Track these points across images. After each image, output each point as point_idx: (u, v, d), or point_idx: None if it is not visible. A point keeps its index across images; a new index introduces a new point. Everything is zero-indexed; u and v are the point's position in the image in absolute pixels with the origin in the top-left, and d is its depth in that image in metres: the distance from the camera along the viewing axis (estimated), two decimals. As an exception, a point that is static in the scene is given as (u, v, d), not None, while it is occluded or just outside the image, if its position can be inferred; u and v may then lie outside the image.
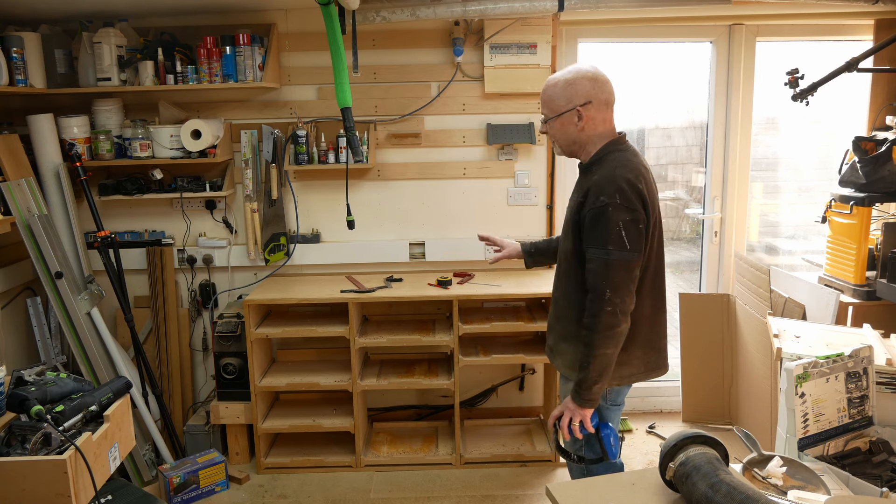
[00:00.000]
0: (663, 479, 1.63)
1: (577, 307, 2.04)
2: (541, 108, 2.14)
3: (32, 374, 2.02)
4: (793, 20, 3.50)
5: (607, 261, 1.91)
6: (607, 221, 1.91)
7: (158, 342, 3.49)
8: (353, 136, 2.53)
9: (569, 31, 3.52)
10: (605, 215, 1.92)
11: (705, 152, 3.78)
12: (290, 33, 3.37)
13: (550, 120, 2.08)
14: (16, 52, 2.88)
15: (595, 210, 1.94)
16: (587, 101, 2.03)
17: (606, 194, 1.93)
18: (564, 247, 2.13)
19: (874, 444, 2.05)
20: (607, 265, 1.91)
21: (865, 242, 3.07)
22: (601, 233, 1.93)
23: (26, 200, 2.97)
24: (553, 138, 2.14)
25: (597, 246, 1.94)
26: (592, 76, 2.05)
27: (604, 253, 1.92)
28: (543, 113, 2.12)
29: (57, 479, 1.70)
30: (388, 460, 3.32)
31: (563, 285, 2.15)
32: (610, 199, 1.92)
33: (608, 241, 1.91)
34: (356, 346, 3.20)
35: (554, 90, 2.06)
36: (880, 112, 3.48)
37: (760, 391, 3.19)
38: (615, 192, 1.93)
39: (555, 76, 2.09)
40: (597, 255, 1.94)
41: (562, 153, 2.16)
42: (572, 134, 2.07)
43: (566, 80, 2.05)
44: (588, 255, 1.97)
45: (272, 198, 3.44)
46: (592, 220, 1.95)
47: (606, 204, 1.92)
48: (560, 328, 2.16)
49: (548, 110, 2.09)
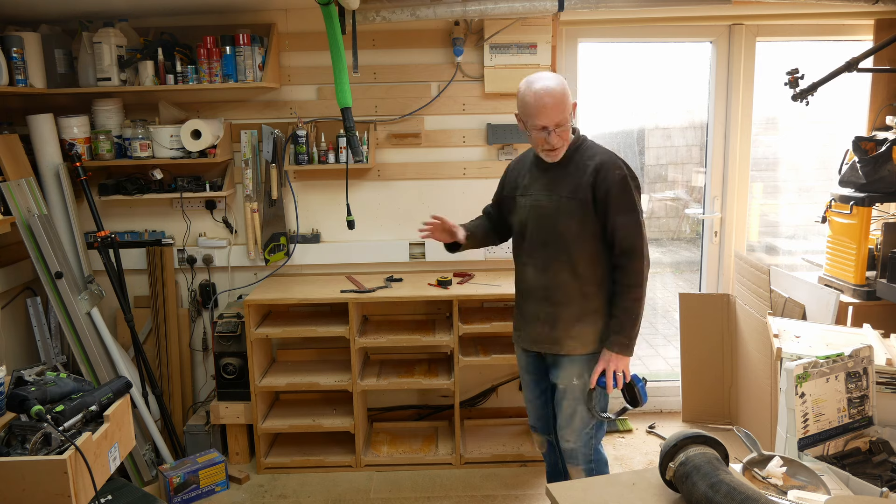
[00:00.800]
0: (663, 479, 1.63)
1: (593, 282, 2.27)
2: (546, 119, 2.16)
3: (32, 374, 2.02)
4: (793, 20, 3.50)
5: (638, 222, 2.20)
6: (629, 189, 2.19)
7: (158, 342, 3.49)
8: (353, 136, 2.53)
9: (569, 31, 3.52)
10: (626, 185, 2.19)
11: (705, 152, 3.78)
12: (290, 33, 3.37)
13: (564, 126, 2.19)
14: (16, 52, 2.88)
15: (618, 182, 2.18)
16: (573, 102, 2.24)
17: (618, 167, 2.20)
18: (558, 231, 2.25)
19: (874, 444, 2.05)
20: (639, 225, 2.20)
21: (865, 242, 3.07)
22: (628, 199, 2.19)
23: (26, 200, 2.97)
24: (557, 143, 2.22)
25: (627, 212, 2.19)
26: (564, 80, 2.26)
27: (635, 217, 2.19)
28: (560, 120, 2.17)
29: (57, 479, 1.70)
30: (388, 460, 3.32)
31: (564, 270, 2.28)
32: (623, 172, 2.20)
33: (635, 206, 2.20)
34: (356, 346, 3.20)
35: (563, 97, 2.18)
36: (880, 112, 3.48)
37: (760, 391, 3.19)
38: (622, 165, 2.22)
39: (550, 85, 2.17)
40: (629, 220, 2.19)
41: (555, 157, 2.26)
42: (568, 136, 2.25)
43: (563, 88, 2.20)
44: (618, 222, 2.19)
45: (272, 198, 3.44)
46: (619, 191, 2.18)
47: (624, 175, 2.19)
48: (573, 312, 2.29)
49: (561, 117, 2.17)
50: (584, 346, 2.30)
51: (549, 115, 2.15)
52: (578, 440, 2.37)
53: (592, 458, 2.40)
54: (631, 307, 2.21)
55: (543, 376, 2.47)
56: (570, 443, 2.38)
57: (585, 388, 2.33)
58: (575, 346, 2.31)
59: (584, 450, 2.38)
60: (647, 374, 4.28)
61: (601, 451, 2.43)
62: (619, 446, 3.51)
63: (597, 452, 2.41)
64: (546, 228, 2.28)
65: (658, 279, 4.95)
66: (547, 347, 2.36)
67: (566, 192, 2.23)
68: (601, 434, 2.43)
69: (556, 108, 2.15)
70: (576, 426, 2.36)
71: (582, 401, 2.34)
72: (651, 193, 4.45)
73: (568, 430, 2.38)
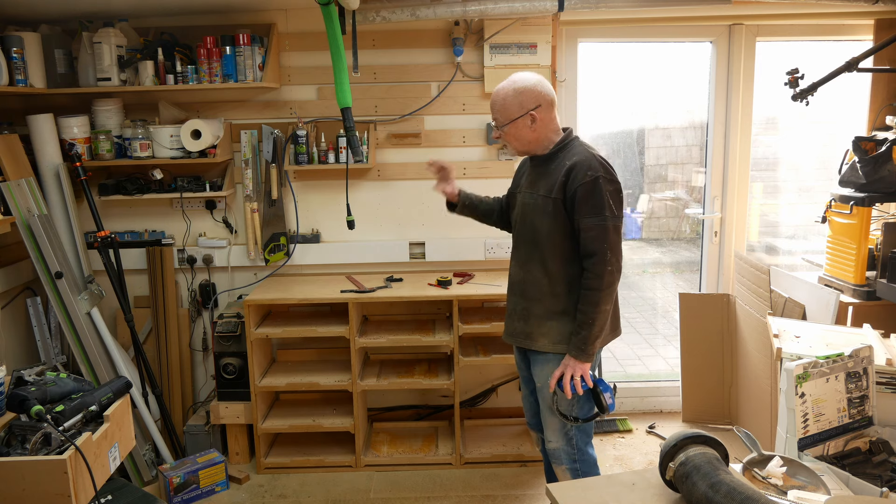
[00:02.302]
0: (663, 479, 1.63)
1: (563, 281, 2.27)
2: (493, 115, 2.32)
3: (32, 374, 2.02)
4: (793, 20, 3.50)
5: (605, 226, 2.15)
6: (600, 192, 2.15)
7: (158, 342, 3.49)
8: (353, 136, 2.53)
9: (569, 31, 3.52)
10: (597, 187, 2.15)
11: (705, 152, 3.78)
12: (290, 33, 3.37)
13: (504, 126, 2.27)
14: (16, 52, 2.88)
15: (587, 184, 2.16)
16: (538, 104, 2.25)
17: (593, 169, 2.17)
18: (535, 229, 2.29)
19: (874, 444, 2.05)
20: (605, 230, 2.15)
21: (865, 242, 3.07)
22: (597, 202, 2.15)
23: (26, 200, 2.97)
24: (506, 141, 2.33)
25: (593, 214, 2.16)
26: (537, 81, 2.28)
27: (601, 220, 2.15)
28: (496, 119, 2.30)
29: (57, 479, 1.70)
30: (388, 460, 3.32)
31: (537, 267, 2.31)
32: (597, 173, 2.16)
33: (604, 209, 2.15)
34: (356, 346, 3.20)
35: (505, 100, 2.26)
36: (880, 112, 3.48)
37: (760, 391, 3.19)
38: (599, 166, 2.18)
39: (502, 86, 2.29)
40: (595, 223, 2.16)
41: (515, 153, 2.37)
42: (526, 136, 2.28)
43: (515, 90, 2.26)
44: (584, 225, 2.17)
45: (272, 198, 3.44)
46: (586, 193, 2.16)
47: (596, 177, 2.16)
48: (543, 309, 2.31)
49: (501, 117, 2.28)
50: (554, 345, 2.30)
51: (492, 112, 2.31)
52: (560, 440, 2.36)
53: (577, 458, 2.37)
54: (588, 311, 2.18)
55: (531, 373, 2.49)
56: (552, 442, 2.38)
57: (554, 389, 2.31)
58: (545, 343, 2.31)
59: (566, 449, 2.36)
60: (647, 374, 4.32)
61: (589, 452, 2.40)
62: (619, 446, 3.51)
63: (582, 452, 2.38)
64: (527, 225, 2.33)
65: (658, 279, 4.95)
66: (520, 341, 2.39)
67: (543, 190, 2.27)
68: (587, 433, 2.40)
69: (496, 107, 2.28)
70: (554, 426, 2.36)
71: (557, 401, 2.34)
72: (651, 193, 4.45)
73: (548, 430, 2.39)
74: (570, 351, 2.22)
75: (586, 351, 2.20)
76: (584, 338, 2.19)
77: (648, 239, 4.75)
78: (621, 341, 4.67)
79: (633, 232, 4.71)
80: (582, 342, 2.20)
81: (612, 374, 4.20)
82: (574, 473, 2.37)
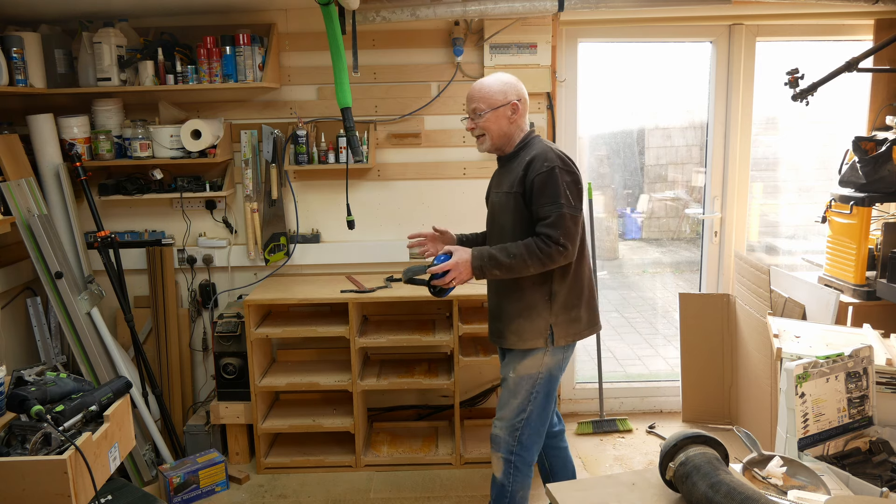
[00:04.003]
0: (663, 479, 1.63)
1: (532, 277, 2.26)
2: (468, 106, 2.35)
3: (32, 374, 2.02)
4: (793, 20, 3.50)
5: (561, 213, 2.17)
6: (556, 181, 2.18)
7: (158, 342, 3.49)
8: (353, 136, 2.53)
9: (569, 31, 3.52)
10: (553, 177, 2.18)
11: (705, 152, 3.78)
12: (290, 33, 3.37)
13: (485, 113, 2.30)
14: (16, 52, 2.88)
15: (543, 174, 2.19)
16: (519, 98, 2.33)
17: (549, 160, 2.21)
18: (502, 224, 2.33)
19: (874, 444, 2.05)
20: (561, 216, 2.17)
21: (865, 242, 3.07)
22: (552, 191, 2.18)
23: (26, 200, 2.97)
24: (485, 131, 2.34)
25: (549, 203, 2.18)
26: (518, 81, 2.36)
27: (557, 207, 2.17)
28: (476, 108, 2.33)
29: (57, 479, 1.70)
30: (388, 460, 3.32)
31: None
32: (554, 164, 2.20)
33: (559, 197, 2.18)
34: (356, 346, 3.20)
35: (490, 88, 2.32)
36: (880, 112, 3.48)
37: (760, 391, 3.19)
38: (557, 158, 2.23)
39: (485, 78, 2.36)
40: (550, 210, 2.18)
41: (489, 149, 2.38)
42: (504, 127, 2.33)
43: (500, 80, 2.33)
44: (541, 213, 2.20)
45: (272, 198, 3.44)
46: (542, 183, 2.19)
47: (552, 167, 2.19)
48: (511, 306, 2.33)
49: (484, 104, 2.31)
50: (523, 341, 2.32)
51: (471, 102, 2.34)
52: (505, 430, 2.37)
53: (515, 450, 2.37)
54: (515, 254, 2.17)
55: None
56: (496, 429, 2.40)
57: (518, 383, 2.34)
58: (514, 340, 2.34)
59: (507, 439, 2.37)
60: (647, 374, 4.32)
61: (530, 451, 2.39)
62: (619, 446, 3.51)
63: (521, 447, 2.37)
64: (496, 223, 2.38)
65: (658, 279, 4.95)
66: (496, 339, 2.43)
67: (506, 186, 2.32)
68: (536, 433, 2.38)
69: (479, 94, 2.32)
70: (504, 414, 2.38)
71: (513, 394, 2.35)
72: (651, 193, 4.45)
73: (497, 419, 2.41)
74: (474, 260, 2.21)
75: (485, 271, 2.21)
76: (492, 261, 2.19)
77: (648, 239, 4.75)
78: (621, 341, 4.70)
79: (633, 232, 4.71)
80: (487, 261, 2.20)
81: (612, 373, 4.20)
82: (507, 465, 2.38)
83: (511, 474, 2.39)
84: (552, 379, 2.36)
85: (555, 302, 2.30)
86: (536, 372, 2.33)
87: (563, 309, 2.31)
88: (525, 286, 2.29)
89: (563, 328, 2.32)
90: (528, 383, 2.34)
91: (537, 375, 2.33)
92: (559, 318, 2.31)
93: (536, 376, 2.33)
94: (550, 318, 2.30)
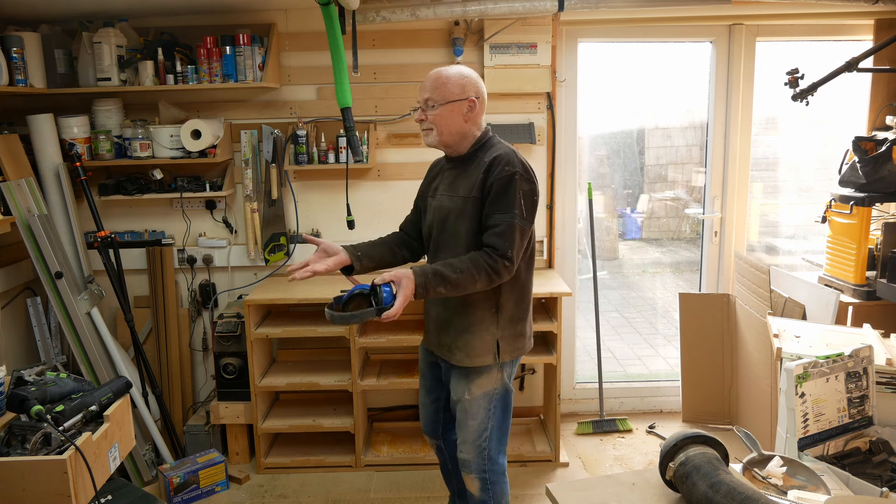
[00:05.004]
0: (663, 479, 1.63)
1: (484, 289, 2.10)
2: (421, 95, 2.16)
3: (32, 374, 2.02)
4: (793, 20, 3.50)
5: (512, 224, 2.04)
6: (514, 189, 2.05)
7: (158, 342, 3.49)
8: (353, 136, 2.53)
9: (569, 31, 3.52)
10: (512, 183, 2.05)
11: (705, 152, 3.78)
12: (290, 33, 3.37)
13: (438, 106, 2.12)
14: (16, 52, 2.88)
15: (503, 178, 2.05)
16: (477, 95, 2.16)
17: (512, 165, 2.07)
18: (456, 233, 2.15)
19: (874, 444, 2.05)
20: (512, 227, 2.04)
21: (865, 242, 3.07)
22: (509, 199, 2.05)
23: (26, 200, 2.97)
24: (434, 125, 2.15)
25: (503, 211, 2.05)
26: (478, 77, 2.20)
27: (510, 217, 2.04)
28: (427, 98, 2.14)
29: (57, 479, 1.70)
30: (388, 460, 3.32)
31: None
32: (515, 169, 2.06)
33: (514, 206, 2.05)
34: (356, 346, 3.20)
35: (446, 80, 2.13)
36: (880, 112, 3.48)
37: (760, 391, 3.20)
38: (519, 164, 2.09)
39: (443, 68, 2.17)
40: (503, 220, 2.04)
41: (435, 144, 2.19)
42: (457, 124, 2.15)
43: (459, 73, 2.15)
44: (492, 221, 2.06)
45: (272, 198, 3.44)
46: (501, 188, 2.06)
47: (514, 173, 2.06)
48: (462, 320, 2.20)
49: (437, 95, 2.12)
50: (471, 359, 2.20)
51: (423, 91, 2.16)
52: (471, 452, 2.29)
53: (487, 468, 2.29)
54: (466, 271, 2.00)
55: (437, 383, 2.43)
56: (463, 454, 2.30)
57: (474, 404, 2.24)
58: (461, 357, 2.21)
59: (477, 460, 2.28)
60: (647, 374, 4.32)
61: (499, 462, 2.32)
62: (619, 446, 3.51)
63: (492, 462, 2.29)
64: (446, 231, 2.20)
65: (658, 279, 4.95)
66: (443, 353, 2.29)
67: (463, 191, 2.15)
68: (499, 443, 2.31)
69: (433, 84, 2.13)
70: (466, 437, 2.28)
71: (472, 415, 2.25)
72: (651, 193, 4.45)
73: (461, 441, 2.30)
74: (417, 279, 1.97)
75: (429, 290, 1.99)
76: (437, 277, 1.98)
77: (648, 239, 4.75)
78: (621, 341, 4.70)
79: (633, 232, 4.71)
80: (431, 277, 1.98)
81: (612, 373, 4.20)
82: (483, 482, 2.31)
83: (489, 490, 2.31)
84: (507, 392, 2.28)
85: (501, 315, 2.18)
86: (492, 389, 2.24)
87: (510, 323, 2.20)
88: (474, 298, 2.15)
89: (510, 343, 2.21)
90: (484, 402, 2.24)
91: (493, 392, 2.24)
92: (505, 332, 2.20)
93: (492, 393, 2.24)
94: (497, 332, 2.19)
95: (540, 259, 3.61)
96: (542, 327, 3.18)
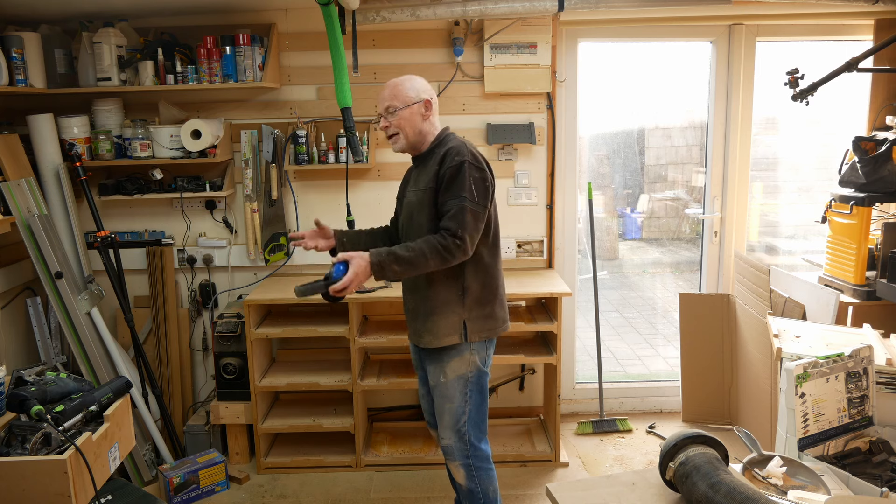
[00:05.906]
0: (663, 479, 1.63)
1: (444, 272, 2.27)
2: (380, 105, 2.34)
3: (32, 374, 2.02)
4: (793, 20, 3.50)
5: (462, 206, 2.18)
6: (463, 176, 2.20)
7: (158, 342, 3.49)
8: (353, 136, 2.53)
9: (569, 31, 3.52)
10: (461, 171, 2.20)
11: (705, 152, 3.78)
12: (290, 33, 3.37)
13: (399, 110, 2.30)
14: (16, 52, 2.88)
15: (453, 167, 2.21)
16: (430, 97, 2.35)
17: (461, 154, 2.23)
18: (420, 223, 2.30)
19: (874, 444, 2.05)
20: (462, 210, 2.18)
21: (865, 242, 3.07)
22: (458, 185, 2.20)
23: (26, 200, 2.97)
24: (399, 129, 2.33)
25: (454, 196, 2.20)
26: (426, 82, 2.38)
27: (460, 200, 2.18)
28: (389, 106, 2.32)
29: (57, 479, 1.70)
30: (388, 460, 3.32)
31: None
32: (464, 158, 2.22)
33: (463, 190, 2.19)
34: (356, 346, 3.20)
35: (401, 86, 2.32)
36: (880, 112, 3.48)
37: (760, 391, 3.20)
38: (469, 153, 2.25)
39: (396, 79, 2.35)
40: (455, 204, 2.19)
41: (404, 147, 2.37)
42: (419, 124, 2.33)
43: (409, 79, 2.35)
44: (446, 207, 2.21)
45: (272, 198, 3.44)
46: (451, 177, 2.21)
47: (462, 161, 2.21)
48: (428, 305, 2.34)
49: (398, 102, 2.31)
50: (438, 339, 2.32)
51: (383, 101, 2.33)
52: (451, 437, 2.38)
53: (469, 453, 2.39)
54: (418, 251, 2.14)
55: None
56: (444, 440, 2.40)
57: (450, 387, 2.34)
58: (429, 339, 2.34)
59: (458, 445, 2.38)
60: (647, 374, 4.32)
61: (482, 448, 2.41)
62: (619, 446, 3.51)
63: (475, 448, 2.39)
64: (413, 222, 2.35)
65: (658, 279, 4.95)
66: (416, 339, 2.42)
67: (423, 184, 2.32)
68: (479, 430, 2.41)
69: (391, 93, 2.31)
70: (446, 423, 2.38)
71: (448, 398, 2.35)
72: (651, 193, 4.45)
73: (441, 428, 2.41)
74: (372, 257, 2.13)
75: (385, 271, 2.14)
76: (390, 256, 2.14)
77: (648, 239, 4.75)
78: (621, 341, 4.70)
79: (633, 232, 4.71)
80: (385, 256, 2.14)
81: (612, 373, 4.20)
82: (468, 469, 2.39)
83: (475, 476, 2.40)
84: (482, 375, 2.37)
85: (467, 297, 2.30)
86: (466, 371, 2.34)
87: (477, 304, 2.32)
88: (437, 282, 2.30)
89: (478, 323, 2.32)
90: (459, 385, 2.34)
91: (467, 375, 2.34)
92: (473, 313, 2.31)
93: (467, 376, 2.34)
94: (464, 313, 2.31)
95: (540, 259, 3.61)
96: (543, 327, 3.18)
